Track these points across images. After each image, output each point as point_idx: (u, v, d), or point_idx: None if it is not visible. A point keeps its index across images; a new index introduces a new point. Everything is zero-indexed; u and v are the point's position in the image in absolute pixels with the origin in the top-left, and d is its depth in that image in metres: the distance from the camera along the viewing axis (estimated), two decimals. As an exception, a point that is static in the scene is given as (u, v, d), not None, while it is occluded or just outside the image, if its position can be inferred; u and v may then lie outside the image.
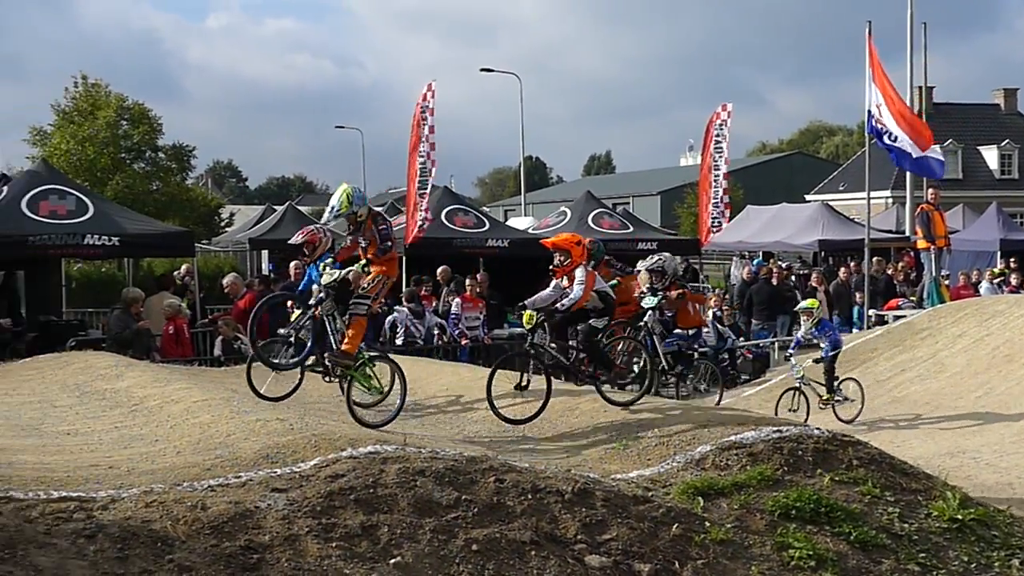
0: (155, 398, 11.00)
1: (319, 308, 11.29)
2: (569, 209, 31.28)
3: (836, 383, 16.68)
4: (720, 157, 27.80)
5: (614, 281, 13.80)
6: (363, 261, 11.37)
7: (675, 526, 8.64)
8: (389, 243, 11.39)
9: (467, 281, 21.90)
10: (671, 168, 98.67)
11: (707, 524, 8.80)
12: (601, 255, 13.91)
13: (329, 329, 11.36)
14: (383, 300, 12.48)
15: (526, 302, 11.84)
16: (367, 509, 8.09)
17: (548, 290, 11.93)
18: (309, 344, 11.41)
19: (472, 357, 20.12)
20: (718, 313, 22.61)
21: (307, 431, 9.80)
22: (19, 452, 9.62)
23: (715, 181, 27.92)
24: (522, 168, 62.10)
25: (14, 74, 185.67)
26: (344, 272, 11.25)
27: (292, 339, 11.41)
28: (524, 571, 7.91)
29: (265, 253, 36.75)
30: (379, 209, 11.57)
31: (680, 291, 15.05)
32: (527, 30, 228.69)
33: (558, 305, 11.61)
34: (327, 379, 11.64)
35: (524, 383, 11.53)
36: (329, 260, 11.42)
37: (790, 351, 17.74)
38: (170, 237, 22.62)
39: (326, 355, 11.36)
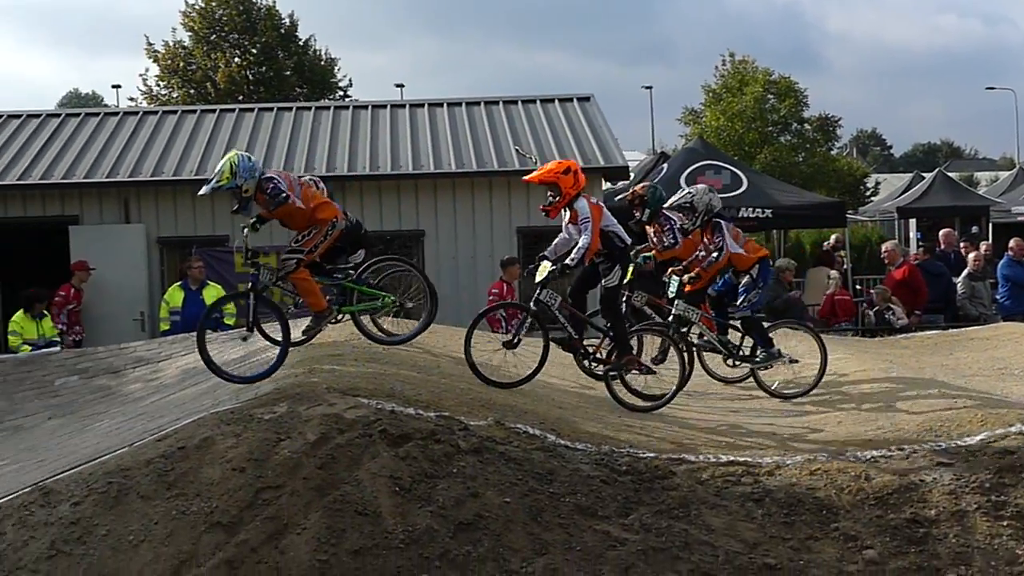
0: (812, 368, 11.09)
1: (259, 289, 9.73)
2: None
3: None
4: None
5: (670, 240, 11.16)
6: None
7: None
8: (283, 195, 9.55)
9: None
10: None
11: None
12: (658, 203, 11.16)
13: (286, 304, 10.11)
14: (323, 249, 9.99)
15: (546, 251, 10.26)
16: (1041, 488, 7.67)
17: (563, 234, 10.26)
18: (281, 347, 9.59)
19: None
20: None
21: (971, 404, 9.47)
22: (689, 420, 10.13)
23: None
24: None
25: (666, 58, 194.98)
26: None
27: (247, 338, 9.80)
28: None
29: (913, 222, 35.80)
30: (270, 174, 9.68)
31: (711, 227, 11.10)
32: None
33: (568, 260, 9.87)
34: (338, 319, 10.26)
35: (515, 340, 10.00)
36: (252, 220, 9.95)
37: None
38: (821, 208, 22.67)
39: (303, 332, 10.01)
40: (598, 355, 10.37)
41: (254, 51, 45.42)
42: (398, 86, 51.77)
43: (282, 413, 7.72)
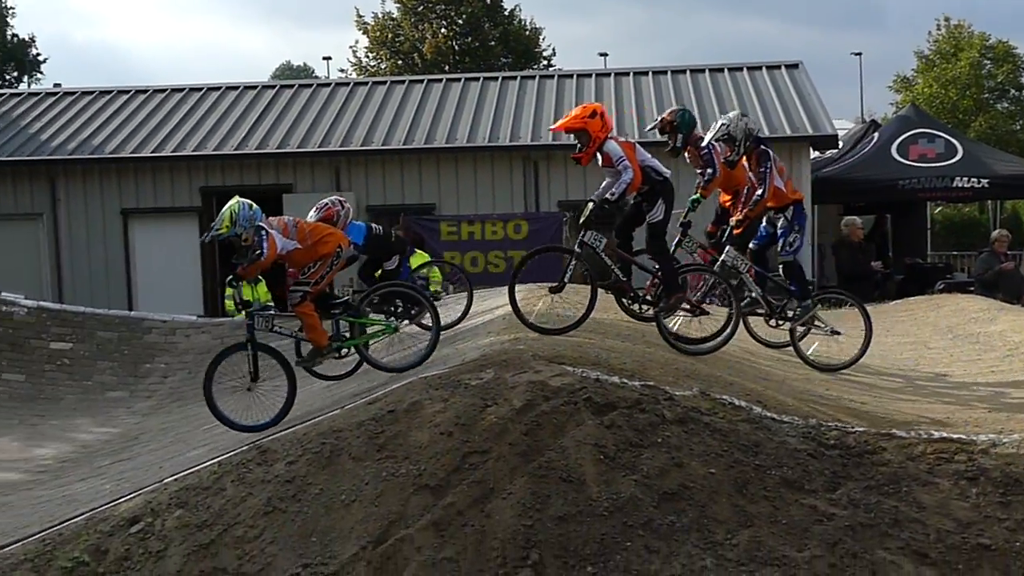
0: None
1: (257, 334, 9.73)
2: None
3: None
4: None
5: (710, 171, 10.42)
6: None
7: None
8: (257, 253, 9.48)
9: None
10: None
11: None
12: (689, 127, 10.45)
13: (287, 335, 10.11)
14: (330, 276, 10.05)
15: (592, 197, 9.75)
16: None
17: (606, 180, 9.73)
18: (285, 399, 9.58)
19: None
20: None
21: None
22: (897, 392, 9.89)
23: None
24: None
25: (876, 23, 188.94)
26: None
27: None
28: None
29: None
30: (262, 224, 9.59)
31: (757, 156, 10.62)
32: None
33: (607, 195, 9.49)
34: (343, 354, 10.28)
35: (559, 285, 9.63)
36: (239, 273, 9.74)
37: None
38: (1041, 178, 21.78)
39: (297, 362, 9.98)
40: (648, 297, 10.09)
41: (460, 22, 45.98)
42: (602, 55, 51.46)
43: (489, 379, 7.83)
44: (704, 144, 10.53)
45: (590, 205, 9.73)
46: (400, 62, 45.64)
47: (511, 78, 24.54)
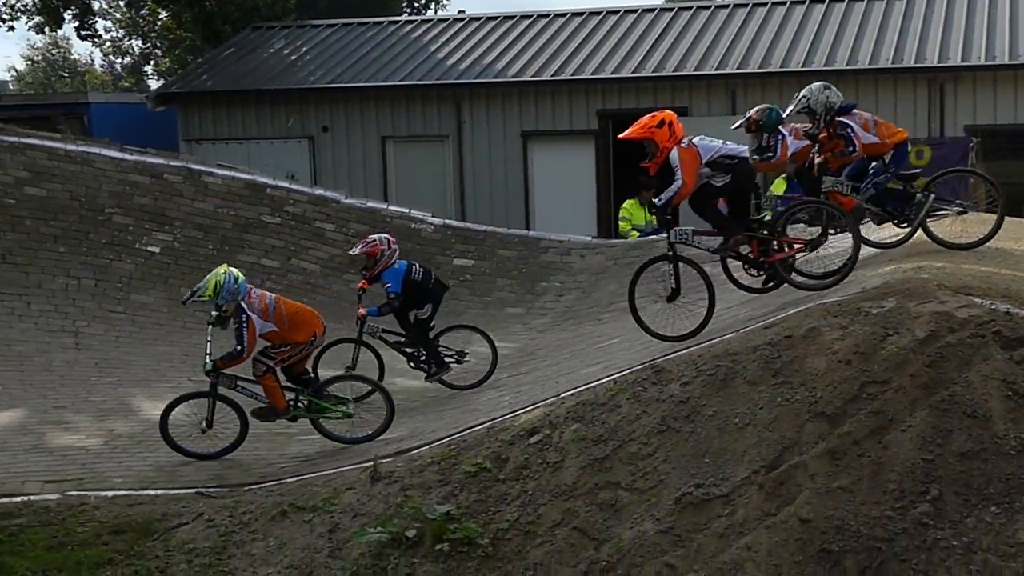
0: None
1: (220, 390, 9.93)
2: None
3: None
4: None
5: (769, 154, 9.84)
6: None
7: None
8: (240, 347, 9.70)
9: None
10: None
11: None
12: (775, 125, 9.85)
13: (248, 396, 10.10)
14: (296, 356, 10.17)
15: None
16: None
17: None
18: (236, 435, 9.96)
19: None
20: None
21: None
22: None
23: None
24: None
25: None
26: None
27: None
28: None
29: None
30: (245, 306, 9.72)
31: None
32: None
33: (655, 199, 9.64)
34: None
35: (671, 292, 9.54)
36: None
37: None
38: None
39: (252, 413, 10.01)
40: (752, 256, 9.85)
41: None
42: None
43: (890, 308, 7.60)
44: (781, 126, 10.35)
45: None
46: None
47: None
